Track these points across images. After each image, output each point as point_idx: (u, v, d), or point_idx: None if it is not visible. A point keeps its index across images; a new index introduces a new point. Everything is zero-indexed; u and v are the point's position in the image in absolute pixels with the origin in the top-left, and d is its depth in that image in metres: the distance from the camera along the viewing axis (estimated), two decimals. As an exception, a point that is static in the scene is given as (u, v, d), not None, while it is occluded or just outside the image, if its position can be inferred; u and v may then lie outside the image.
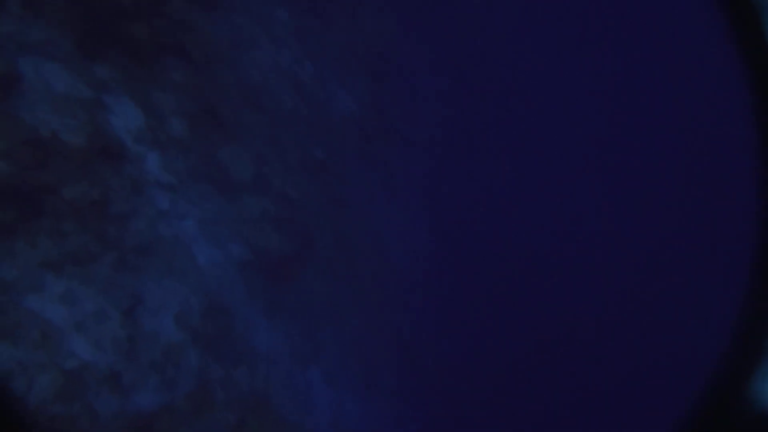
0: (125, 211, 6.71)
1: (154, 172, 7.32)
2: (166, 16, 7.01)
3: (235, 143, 8.06)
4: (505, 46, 17.60)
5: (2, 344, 5.26)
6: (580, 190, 14.52)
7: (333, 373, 8.72)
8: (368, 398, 9.21)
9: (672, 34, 17.41)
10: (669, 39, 17.45)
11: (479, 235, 13.58)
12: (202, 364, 7.34)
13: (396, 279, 11.89)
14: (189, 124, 7.58)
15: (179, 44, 7.28)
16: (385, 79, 12.60)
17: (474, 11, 16.34)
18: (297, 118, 9.83)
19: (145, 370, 6.76)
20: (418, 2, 13.51)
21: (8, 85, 6.09)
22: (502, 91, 16.63)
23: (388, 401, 9.82)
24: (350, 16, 11.61)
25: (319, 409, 8.04)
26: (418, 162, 14.19)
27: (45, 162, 6.03)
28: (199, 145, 7.65)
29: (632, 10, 17.40)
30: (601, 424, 8.90)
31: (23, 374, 5.47)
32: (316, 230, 9.47)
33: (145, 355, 6.81)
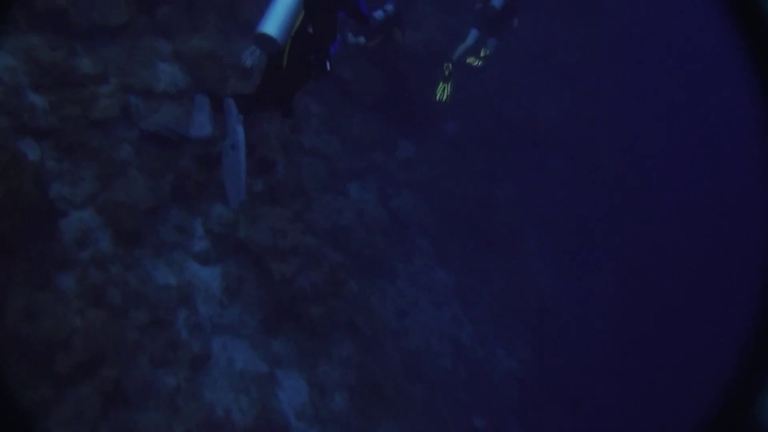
0: (278, 505, 6.14)
1: (313, 453, 6.88)
2: (342, 297, 7.36)
3: (393, 419, 7.46)
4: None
5: None
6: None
7: None
8: None
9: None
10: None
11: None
12: None
13: None
14: (350, 399, 7.27)
15: (350, 321, 7.45)
16: (546, 335, 11.72)
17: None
18: (456, 382, 9.15)
19: None
20: (576, 257, 13.18)
21: (200, 364, 6.46)
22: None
23: None
24: (508, 274, 11.50)
25: None
26: (587, 426, 12.16)
27: (214, 448, 5.92)
28: (358, 421, 7.18)
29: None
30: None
31: None
32: None
33: None
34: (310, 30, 3.89)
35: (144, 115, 6.44)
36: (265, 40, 3.76)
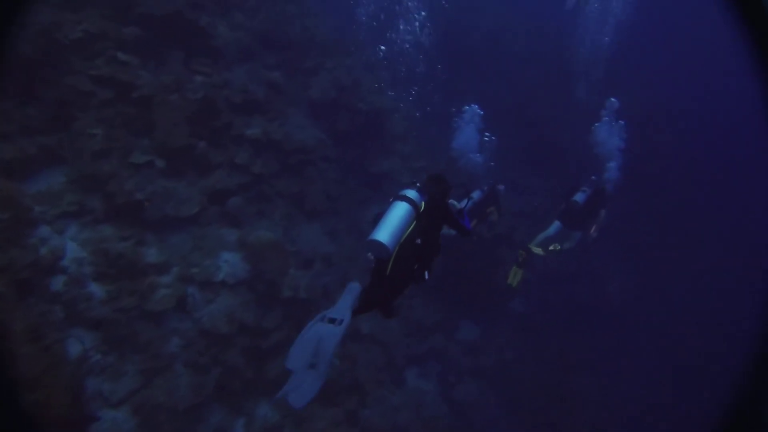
0: None
1: None
2: None
3: None
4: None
5: None
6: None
7: None
8: None
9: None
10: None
11: None
12: None
13: None
14: None
15: None
16: None
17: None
18: None
19: None
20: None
21: None
22: None
23: None
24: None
25: None
26: None
27: None
28: None
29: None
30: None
31: None
32: None
33: None
34: (419, 242, 4.00)
35: (199, 306, 6.06)
36: (377, 246, 3.87)
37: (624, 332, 12.51)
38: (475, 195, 7.54)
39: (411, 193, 4.14)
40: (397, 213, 3.99)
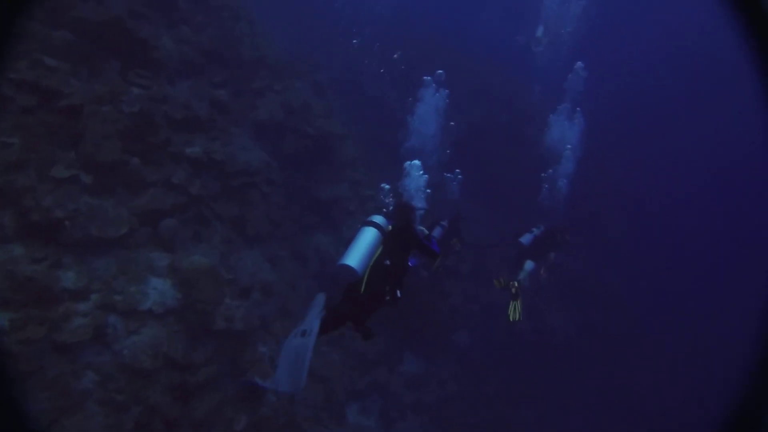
0: None
1: None
2: None
3: None
4: None
5: None
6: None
7: None
8: None
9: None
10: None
11: None
12: None
13: None
14: None
15: None
16: None
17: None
18: None
19: None
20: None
21: None
22: None
23: None
24: None
25: None
26: None
27: None
28: None
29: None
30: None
31: None
32: None
33: None
34: (388, 263, 4.12)
35: (120, 337, 5.47)
36: (346, 270, 3.97)
37: (566, 367, 12.62)
38: (436, 233, 7.52)
39: (378, 219, 4.33)
40: (365, 237, 4.17)
